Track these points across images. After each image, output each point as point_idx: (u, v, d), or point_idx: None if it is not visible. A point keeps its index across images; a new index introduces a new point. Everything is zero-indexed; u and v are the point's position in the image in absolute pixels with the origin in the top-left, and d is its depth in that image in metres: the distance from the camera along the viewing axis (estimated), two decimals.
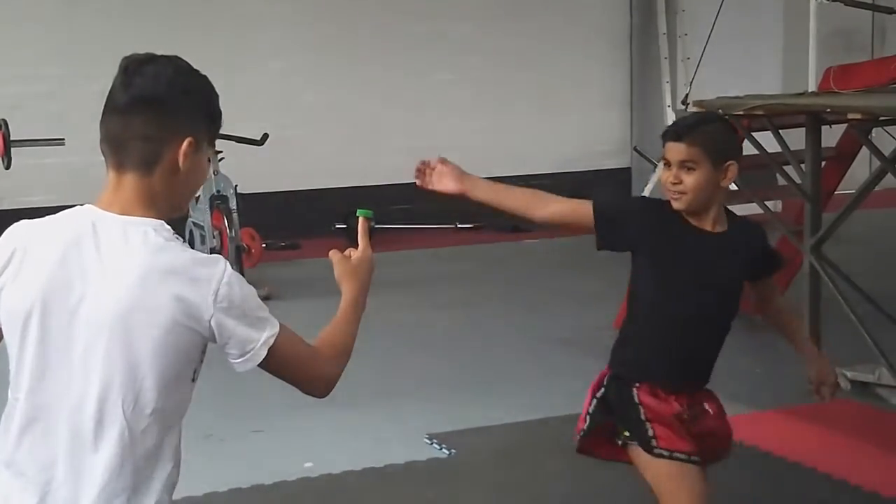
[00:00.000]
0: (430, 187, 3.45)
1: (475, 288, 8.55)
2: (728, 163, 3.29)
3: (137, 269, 2.23)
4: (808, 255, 5.92)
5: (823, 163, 6.39)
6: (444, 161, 3.46)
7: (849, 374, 5.82)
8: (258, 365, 2.32)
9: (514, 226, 10.66)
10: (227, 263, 2.32)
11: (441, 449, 5.18)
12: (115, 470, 2.23)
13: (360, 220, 2.73)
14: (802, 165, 6.02)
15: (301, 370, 2.40)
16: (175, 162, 2.31)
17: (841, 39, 11.42)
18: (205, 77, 2.39)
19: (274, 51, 10.54)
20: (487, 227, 10.71)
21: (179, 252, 2.28)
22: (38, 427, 2.26)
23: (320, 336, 2.47)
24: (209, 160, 2.53)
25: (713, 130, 3.35)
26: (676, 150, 3.30)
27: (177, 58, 2.37)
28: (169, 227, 2.32)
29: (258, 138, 8.58)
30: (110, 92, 2.32)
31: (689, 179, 3.26)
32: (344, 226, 9.57)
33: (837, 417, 5.53)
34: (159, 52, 2.39)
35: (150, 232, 2.27)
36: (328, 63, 10.72)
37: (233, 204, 8.09)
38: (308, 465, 5.01)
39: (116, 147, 2.32)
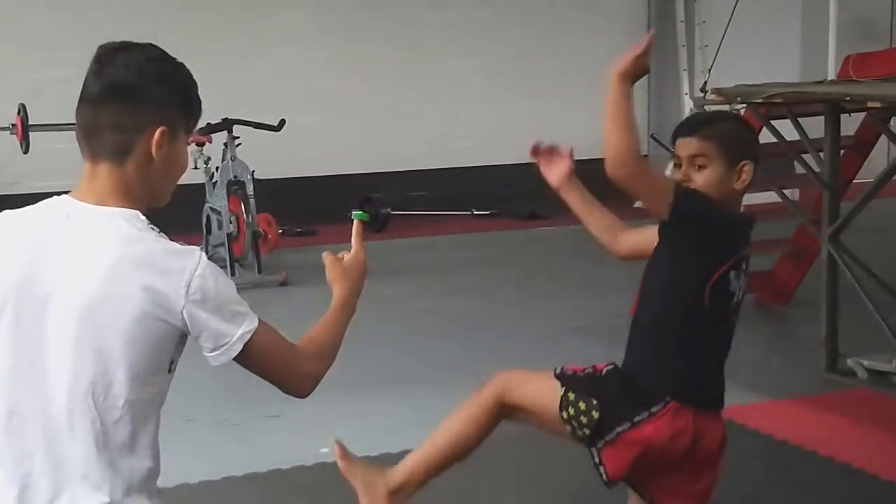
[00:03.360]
0: (540, 167, 3.43)
1: (491, 274, 8.54)
2: (743, 163, 3.05)
3: (108, 259, 2.21)
4: (826, 243, 5.90)
5: (842, 151, 6.36)
6: (566, 154, 3.47)
7: (865, 362, 5.80)
8: (234, 360, 2.29)
9: (531, 213, 10.64)
10: (204, 255, 2.28)
11: None
12: (92, 462, 2.22)
13: (355, 222, 2.71)
14: (821, 154, 6.00)
15: (278, 368, 2.35)
16: (148, 152, 2.27)
17: (860, 27, 11.35)
18: (180, 64, 2.34)
19: (291, 37, 10.52)
20: (503, 214, 10.72)
21: (152, 243, 2.24)
22: (15, 419, 2.24)
23: (305, 335, 2.44)
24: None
25: (730, 127, 3.15)
26: (688, 145, 3.07)
27: (151, 45, 2.33)
28: (144, 217, 2.28)
29: (275, 124, 8.58)
30: (84, 81, 2.31)
31: (700, 177, 3.04)
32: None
33: (854, 407, 5.52)
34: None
35: (123, 223, 2.25)
36: (345, 49, 10.71)
37: (250, 189, 8.10)
38: (324, 450, 5.00)
39: (90, 137, 2.29)
